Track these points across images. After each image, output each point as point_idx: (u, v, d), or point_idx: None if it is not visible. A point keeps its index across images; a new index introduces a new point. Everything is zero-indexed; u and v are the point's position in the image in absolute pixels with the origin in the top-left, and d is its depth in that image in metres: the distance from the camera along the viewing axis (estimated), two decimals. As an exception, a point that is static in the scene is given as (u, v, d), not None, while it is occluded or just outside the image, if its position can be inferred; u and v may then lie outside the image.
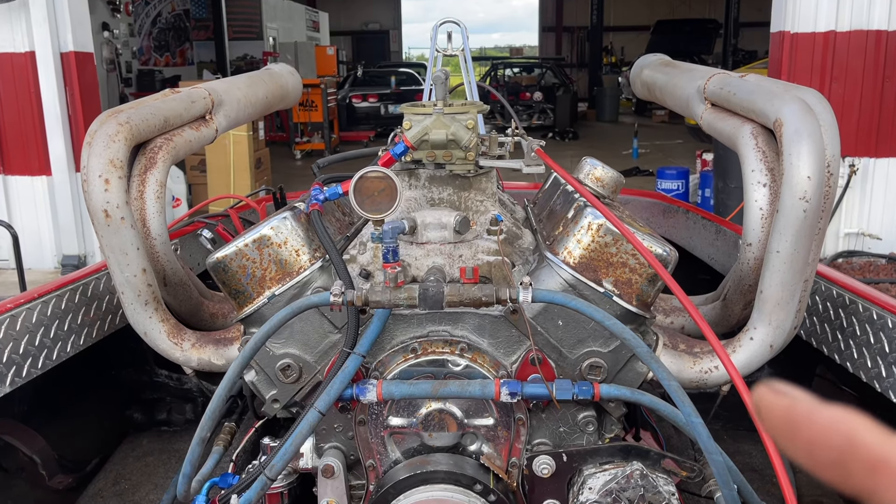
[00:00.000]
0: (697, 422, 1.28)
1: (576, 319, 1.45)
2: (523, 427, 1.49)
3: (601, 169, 1.63)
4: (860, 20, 5.93)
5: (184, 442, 2.32)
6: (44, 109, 6.28)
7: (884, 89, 6.04)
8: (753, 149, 1.57)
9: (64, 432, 2.08)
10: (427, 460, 1.47)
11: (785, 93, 1.50)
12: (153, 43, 16.04)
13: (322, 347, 1.51)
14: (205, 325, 1.82)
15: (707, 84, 1.80)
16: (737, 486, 1.35)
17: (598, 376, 1.46)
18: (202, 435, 1.46)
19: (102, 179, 1.46)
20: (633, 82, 2.39)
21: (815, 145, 1.37)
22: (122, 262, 1.51)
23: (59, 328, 1.85)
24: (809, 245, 1.43)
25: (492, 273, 1.50)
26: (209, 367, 1.64)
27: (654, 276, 1.43)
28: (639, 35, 24.39)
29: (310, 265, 1.50)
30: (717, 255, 2.49)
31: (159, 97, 1.74)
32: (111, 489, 2.18)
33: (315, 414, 1.36)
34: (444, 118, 1.52)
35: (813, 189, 1.37)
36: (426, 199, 1.60)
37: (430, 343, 1.49)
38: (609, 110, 20.13)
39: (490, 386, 1.41)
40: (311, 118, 13.66)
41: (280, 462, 1.37)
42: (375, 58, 26.66)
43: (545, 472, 1.47)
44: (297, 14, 22.49)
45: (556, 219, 1.60)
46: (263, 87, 2.16)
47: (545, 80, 18.68)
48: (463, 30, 2.70)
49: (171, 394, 2.45)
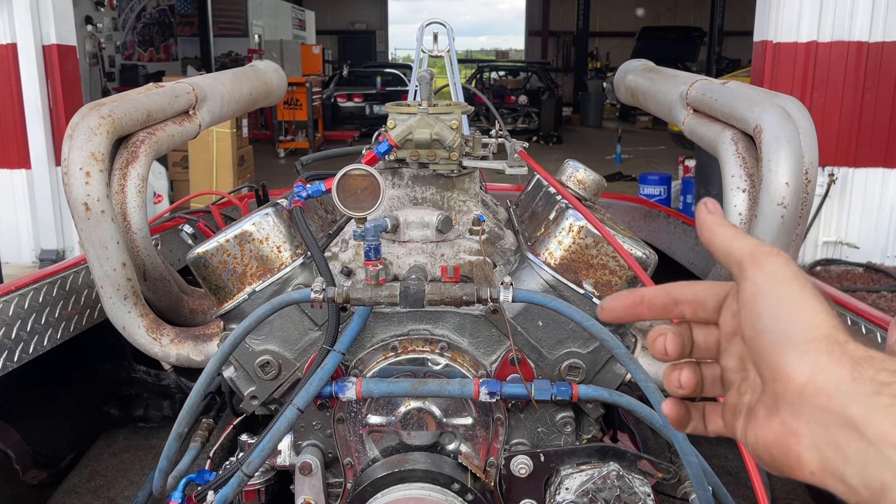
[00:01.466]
0: (674, 423, 1.29)
1: (556, 320, 1.46)
2: (502, 427, 1.49)
3: (583, 171, 1.64)
4: (842, 31, 6.01)
5: (161, 438, 2.30)
6: (24, 102, 6.21)
7: (863, 100, 6.13)
8: (733, 154, 1.59)
9: (39, 427, 2.06)
10: (405, 459, 1.47)
11: (765, 100, 1.52)
12: (137, 38, 15.92)
13: (302, 344, 1.51)
14: (184, 321, 1.81)
15: (689, 90, 1.81)
16: (712, 488, 1.37)
17: (576, 377, 1.47)
18: (179, 431, 1.45)
19: (83, 172, 1.45)
20: (617, 87, 2.41)
21: (794, 152, 1.39)
22: (102, 256, 1.50)
23: (37, 322, 1.84)
24: (786, 250, 1.45)
25: (473, 272, 1.51)
26: (188, 363, 1.64)
27: (634, 279, 1.45)
28: (624, 41, 24.53)
29: (291, 262, 1.50)
30: (696, 259, 2.52)
31: (143, 91, 1.73)
32: (86, 485, 2.16)
33: (293, 411, 1.36)
34: (428, 118, 1.52)
35: (791, 195, 1.39)
36: (409, 197, 1.61)
37: (410, 341, 1.50)
38: (593, 115, 20.23)
39: (469, 385, 1.41)
40: (295, 116, 13.62)
41: (257, 459, 1.37)
42: (361, 58, 26.60)
43: (523, 472, 1.48)
44: (284, 12, 22.42)
45: (538, 220, 1.61)
46: (248, 83, 2.16)
47: (530, 84, 18.77)
48: (449, 31, 2.71)
49: (149, 390, 2.43)
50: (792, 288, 0.50)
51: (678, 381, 0.58)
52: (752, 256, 0.52)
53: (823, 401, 0.46)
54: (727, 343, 0.57)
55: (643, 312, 0.59)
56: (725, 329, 0.57)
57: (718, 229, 0.56)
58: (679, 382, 0.58)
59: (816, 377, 0.46)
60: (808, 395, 0.46)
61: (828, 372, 0.46)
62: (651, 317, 0.60)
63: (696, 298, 0.58)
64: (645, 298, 0.59)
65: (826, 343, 0.47)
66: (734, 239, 0.55)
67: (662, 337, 0.58)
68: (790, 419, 0.48)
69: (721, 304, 0.57)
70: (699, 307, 0.58)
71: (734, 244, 0.54)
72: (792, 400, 0.47)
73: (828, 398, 0.45)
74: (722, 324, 0.57)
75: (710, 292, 0.58)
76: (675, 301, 0.59)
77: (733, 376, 0.56)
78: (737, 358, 0.56)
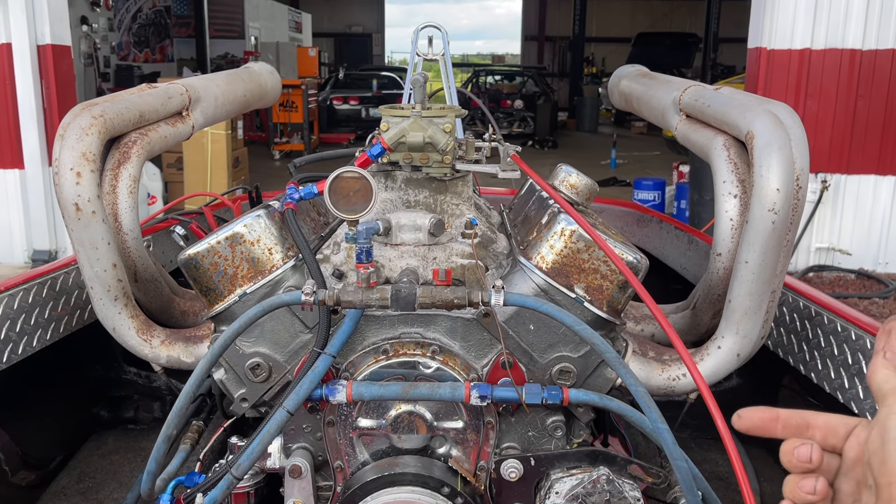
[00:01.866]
0: (664, 428, 1.30)
1: (547, 324, 1.46)
2: (492, 430, 1.49)
3: (576, 176, 1.64)
4: (835, 39, 6.04)
5: (150, 440, 2.29)
6: (18, 102, 6.19)
7: (856, 107, 6.16)
8: (725, 160, 1.59)
9: (29, 428, 2.05)
10: (395, 462, 1.47)
11: (757, 106, 1.52)
12: (133, 38, 15.90)
13: (293, 347, 1.51)
14: (175, 323, 1.81)
15: (682, 95, 1.82)
16: (701, 494, 1.37)
17: (567, 381, 1.47)
18: (169, 433, 1.45)
19: (74, 172, 1.44)
20: (611, 92, 2.42)
21: (785, 158, 1.40)
22: (93, 257, 1.50)
23: (26, 322, 1.83)
24: (777, 256, 1.46)
25: (465, 276, 1.51)
26: (178, 365, 1.63)
27: (625, 283, 1.45)
28: (620, 47, 24.61)
29: (282, 264, 1.50)
30: (688, 265, 2.52)
31: (135, 92, 1.73)
32: (75, 487, 2.15)
33: (284, 413, 1.36)
34: (421, 121, 1.52)
35: (782, 201, 1.39)
36: (402, 200, 1.61)
37: (401, 345, 1.49)
38: (589, 120, 20.27)
39: (460, 389, 1.41)
40: (291, 119, 13.61)
41: (247, 461, 1.36)
42: (357, 60, 26.62)
43: (513, 476, 1.48)
44: (280, 14, 22.41)
45: (531, 224, 1.62)
46: (242, 85, 2.15)
47: (526, 89, 18.79)
48: (444, 35, 2.71)
49: (139, 391, 2.42)
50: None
51: (813, 487, 0.64)
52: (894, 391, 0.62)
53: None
54: (848, 468, 0.65)
55: (777, 430, 0.68)
56: (849, 454, 0.65)
57: (882, 370, 0.65)
58: (814, 489, 0.64)
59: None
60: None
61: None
62: (784, 436, 0.67)
63: (828, 426, 0.66)
64: (781, 417, 0.67)
65: None
66: (890, 378, 0.64)
67: (808, 446, 0.64)
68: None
69: (849, 433, 0.65)
70: (830, 433, 0.66)
71: (889, 381, 0.64)
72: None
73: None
74: (846, 449, 0.65)
75: (841, 422, 0.66)
76: (809, 425, 0.67)
77: (846, 498, 0.65)
78: (854, 482, 0.64)
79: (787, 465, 0.65)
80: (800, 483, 0.64)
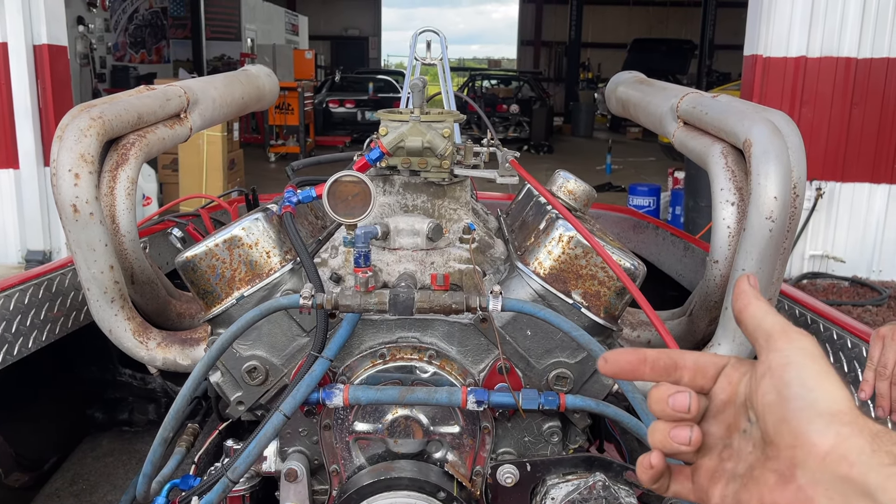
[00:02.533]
0: (660, 434, 1.30)
1: (544, 330, 1.46)
2: (488, 436, 1.49)
3: (574, 182, 1.65)
4: (831, 47, 6.07)
5: (145, 443, 2.29)
6: (14, 102, 6.17)
7: (851, 115, 6.19)
8: (723, 168, 1.60)
9: (23, 430, 2.04)
10: (391, 466, 1.47)
11: (755, 114, 1.53)
12: (129, 39, 15.89)
13: (290, 350, 1.51)
14: (171, 325, 1.80)
15: (680, 103, 1.83)
16: (697, 500, 1.37)
17: (564, 387, 1.48)
18: (164, 435, 1.44)
19: (72, 174, 1.44)
20: (608, 98, 2.42)
21: (783, 166, 1.40)
22: (90, 259, 1.49)
23: (22, 323, 1.82)
24: (774, 264, 1.46)
25: (463, 281, 1.51)
26: (174, 367, 1.63)
27: (623, 290, 1.45)
28: (616, 52, 24.68)
29: (280, 267, 1.50)
30: (685, 271, 2.53)
31: (134, 93, 1.73)
32: (68, 489, 2.14)
33: (280, 417, 1.35)
34: (420, 126, 1.52)
35: (779, 209, 1.40)
36: (400, 205, 1.61)
37: (398, 349, 1.49)
38: (584, 125, 20.33)
39: (457, 394, 1.41)
40: (286, 121, 13.60)
41: (243, 464, 1.36)
42: (354, 63, 26.66)
43: (509, 481, 1.48)
44: (277, 16, 22.43)
45: (528, 230, 1.62)
46: (240, 87, 2.15)
47: (522, 93, 18.82)
48: (442, 39, 2.71)
49: (134, 393, 2.41)
50: (820, 364, 0.54)
51: (688, 438, 0.59)
52: (784, 332, 0.56)
53: (845, 469, 0.48)
54: (717, 410, 0.60)
55: (645, 372, 0.62)
56: (719, 396, 0.60)
57: (754, 302, 0.60)
58: (689, 439, 0.59)
59: (840, 446, 0.49)
60: (831, 462, 0.49)
61: (850, 442, 0.48)
62: (651, 378, 0.62)
63: (697, 365, 0.61)
64: (648, 359, 0.62)
65: (849, 415, 0.50)
66: (767, 314, 0.58)
67: (685, 395, 0.59)
68: (808, 486, 0.50)
69: (719, 373, 0.61)
70: (699, 374, 0.61)
71: (767, 318, 0.58)
72: (812, 467, 0.49)
73: (849, 467, 0.48)
74: (716, 390, 0.60)
75: (710, 361, 0.61)
76: (677, 365, 0.62)
77: (716, 442, 0.60)
78: (724, 425, 0.59)
79: (660, 414, 0.59)
80: (672, 432, 0.58)
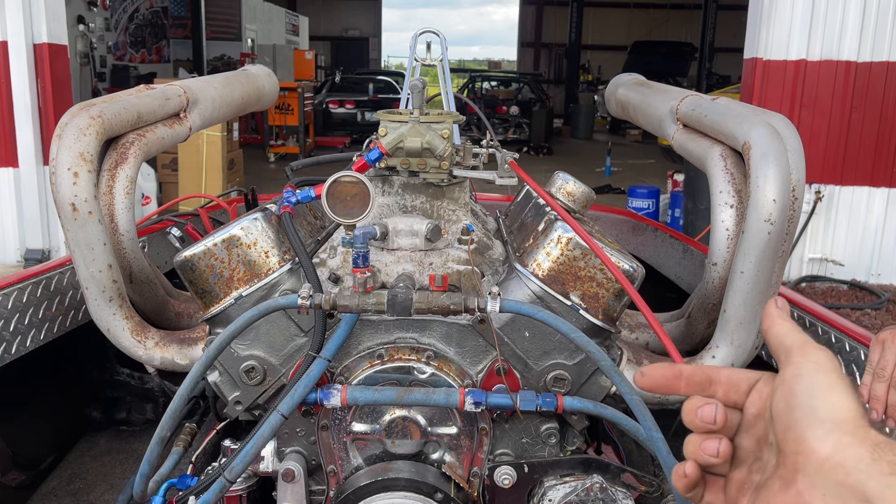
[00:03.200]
0: (658, 437, 1.30)
1: (542, 331, 1.46)
2: (486, 437, 1.49)
3: (573, 184, 1.65)
4: (831, 50, 6.08)
5: (142, 442, 2.28)
6: (13, 100, 6.17)
7: (850, 119, 6.20)
8: (722, 170, 1.60)
9: (20, 428, 2.04)
10: (388, 467, 1.47)
11: (754, 117, 1.53)
12: (129, 38, 15.89)
13: (288, 350, 1.50)
14: (170, 324, 1.80)
15: (679, 105, 1.83)
16: (694, 502, 1.37)
17: (562, 388, 1.48)
18: (162, 435, 1.44)
19: (71, 173, 1.44)
20: (608, 100, 2.42)
21: (782, 169, 1.40)
22: (88, 258, 1.49)
23: (20, 322, 1.82)
24: (773, 267, 1.46)
25: (461, 282, 1.51)
26: (172, 367, 1.63)
27: (621, 292, 1.45)
28: (616, 54, 24.72)
29: (279, 267, 1.50)
30: (683, 273, 2.53)
31: (133, 93, 1.73)
32: (65, 488, 2.14)
33: (278, 417, 1.35)
34: (419, 126, 1.52)
35: (778, 212, 1.40)
36: (399, 206, 1.61)
37: (396, 350, 1.49)
38: (584, 127, 20.32)
39: (455, 395, 1.41)
40: (286, 122, 13.60)
41: (240, 464, 1.36)
42: (354, 64, 26.66)
43: (506, 483, 1.48)
44: (277, 17, 22.44)
45: (527, 231, 1.62)
46: (239, 87, 2.15)
47: (522, 95, 18.83)
48: (442, 40, 2.72)
49: (132, 393, 2.41)
50: (829, 376, 0.55)
51: (716, 449, 0.60)
52: (801, 347, 0.58)
53: (841, 476, 0.49)
54: (749, 424, 0.62)
55: (680, 387, 0.64)
56: (750, 410, 0.61)
57: (779, 321, 0.61)
58: (717, 451, 0.60)
59: (837, 454, 0.50)
60: (828, 469, 0.50)
61: (849, 450, 0.50)
62: (686, 392, 0.64)
63: (730, 381, 0.63)
64: (684, 374, 0.64)
65: (851, 425, 0.51)
66: (790, 332, 0.60)
67: (711, 406, 0.61)
68: (806, 491, 0.51)
69: (751, 388, 0.62)
70: (732, 389, 0.63)
71: (789, 335, 0.60)
72: (811, 472, 0.51)
73: (846, 474, 0.49)
74: (748, 405, 0.62)
75: (743, 376, 0.63)
76: (711, 380, 0.63)
77: (747, 455, 0.61)
78: (755, 439, 0.61)
79: (690, 425, 0.62)
80: (703, 444, 0.61)
